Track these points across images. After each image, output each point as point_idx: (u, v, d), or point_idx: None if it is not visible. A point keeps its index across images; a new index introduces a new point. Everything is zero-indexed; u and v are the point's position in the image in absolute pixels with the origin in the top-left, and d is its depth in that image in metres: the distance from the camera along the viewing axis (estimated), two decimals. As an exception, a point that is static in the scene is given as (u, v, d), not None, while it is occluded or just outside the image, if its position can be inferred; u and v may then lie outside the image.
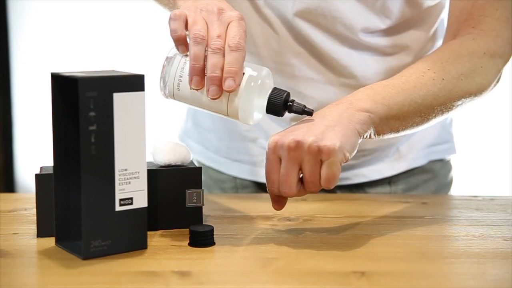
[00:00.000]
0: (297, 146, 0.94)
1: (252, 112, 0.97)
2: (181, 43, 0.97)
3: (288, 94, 0.98)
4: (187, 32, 0.97)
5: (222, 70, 0.95)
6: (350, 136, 0.96)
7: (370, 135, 1.00)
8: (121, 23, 2.57)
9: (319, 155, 0.93)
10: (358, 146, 0.97)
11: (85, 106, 0.90)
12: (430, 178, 1.33)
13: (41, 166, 1.05)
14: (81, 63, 2.49)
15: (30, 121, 2.66)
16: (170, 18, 0.98)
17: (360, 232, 1.04)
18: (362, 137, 0.98)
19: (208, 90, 0.95)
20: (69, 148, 0.96)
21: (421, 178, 1.32)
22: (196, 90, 0.97)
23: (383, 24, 1.19)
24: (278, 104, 0.97)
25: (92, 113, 0.91)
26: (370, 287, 0.86)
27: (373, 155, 1.28)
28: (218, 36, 0.95)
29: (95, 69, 0.98)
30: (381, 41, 1.21)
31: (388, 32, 1.21)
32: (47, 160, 0.99)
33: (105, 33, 2.57)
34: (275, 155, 0.96)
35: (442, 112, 1.07)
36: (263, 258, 0.94)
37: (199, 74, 0.96)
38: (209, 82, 0.95)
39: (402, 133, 1.05)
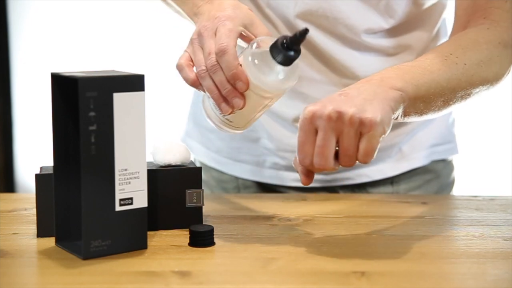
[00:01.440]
0: (338, 116, 0.91)
1: (278, 80, 0.97)
2: (197, 85, 1.00)
3: (279, 38, 0.95)
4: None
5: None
6: (388, 112, 0.93)
7: (398, 116, 0.98)
8: (121, 23, 2.57)
9: (360, 127, 0.91)
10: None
11: (85, 106, 0.90)
12: (432, 178, 1.33)
13: (41, 166, 1.05)
14: (81, 63, 2.49)
15: (30, 121, 2.66)
16: (177, 69, 1.01)
17: (360, 232, 1.04)
18: (393, 116, 0.96)
19: (231, 104, 0.97)
20: (69, 148, 0.96)
21: (424, 178, 1.32)
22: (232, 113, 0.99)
23: (386, 24, 1.19)
24: (282, 53, 0.95)
25: (92, 113, 0.91)
26: (370, 287, 0.86)
27: (375, 155, 1.28)
28: (209, 54, 0.97)
29: (95, 69, 0.98)
30: (384, 42, 1.21)
31: (390, 32, 1.21)
32: (47, 160, 0.99)
33: (105, 33, 2.57)
34: (311, 126, 0.92)
35: (462, 98, 1.06)
36: (263, 258, 0.94)
37: (222, 100, 0.98)
38: (229, 98, 0.97)
39: (424, 117, 1.03)
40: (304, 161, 0.93)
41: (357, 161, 0.93)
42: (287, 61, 0.95)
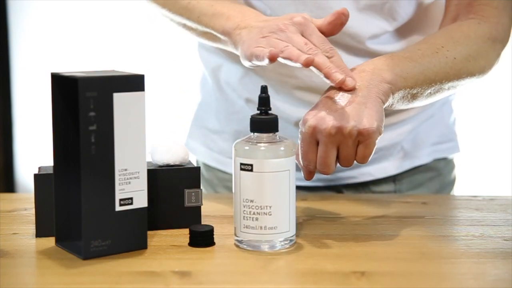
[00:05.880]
0: (337, 131, 0.96)
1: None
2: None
3: (251, 117, 0.98)
4: None
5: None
6: (381, 111, 0.99)
7: (387, 106, 1.03)
8: (121, 23, 2.57)
9: (358, 137, 0.97)
10: None
11: (85, 106, 0.90)
12: (434, 176, 1.33)
13: (40, 166, 1.05)
14: (81, 63, 2.49)
15: (30, 121, 2.66)
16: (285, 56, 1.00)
17: (360, 232, 1.04)
18: (383, 107, 1.01)
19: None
20: (69, 148, 0.96)
21: (426, 176, 1.32)
22: None
23: (390, 27, 1.19)
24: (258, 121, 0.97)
25: (92, 113, 0.91)
26: (370, 287, 0.86)
27: (378, 154, 1.28)
28: (306, 43, 1.01)
29: (95, 69, 0.98)
30: (388, 48, 1.21)
31: (394, 36, 1.21)
32: (47, 160, 0.99)
33: (105, 33, 2.57)
34: (312, 138, 0.98)
35: (448, 89, 1.11)
36: (263, 258, 0.94)
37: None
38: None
39: (411, 106, 1.08)
40: (308, 167, 1.00)
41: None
42: (263, 125, 0.97)
